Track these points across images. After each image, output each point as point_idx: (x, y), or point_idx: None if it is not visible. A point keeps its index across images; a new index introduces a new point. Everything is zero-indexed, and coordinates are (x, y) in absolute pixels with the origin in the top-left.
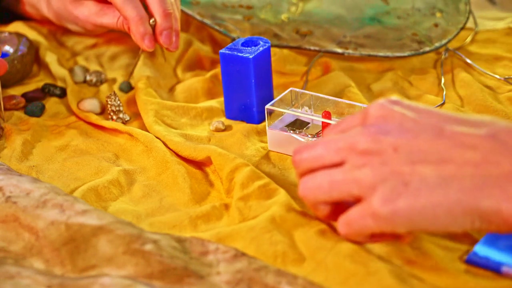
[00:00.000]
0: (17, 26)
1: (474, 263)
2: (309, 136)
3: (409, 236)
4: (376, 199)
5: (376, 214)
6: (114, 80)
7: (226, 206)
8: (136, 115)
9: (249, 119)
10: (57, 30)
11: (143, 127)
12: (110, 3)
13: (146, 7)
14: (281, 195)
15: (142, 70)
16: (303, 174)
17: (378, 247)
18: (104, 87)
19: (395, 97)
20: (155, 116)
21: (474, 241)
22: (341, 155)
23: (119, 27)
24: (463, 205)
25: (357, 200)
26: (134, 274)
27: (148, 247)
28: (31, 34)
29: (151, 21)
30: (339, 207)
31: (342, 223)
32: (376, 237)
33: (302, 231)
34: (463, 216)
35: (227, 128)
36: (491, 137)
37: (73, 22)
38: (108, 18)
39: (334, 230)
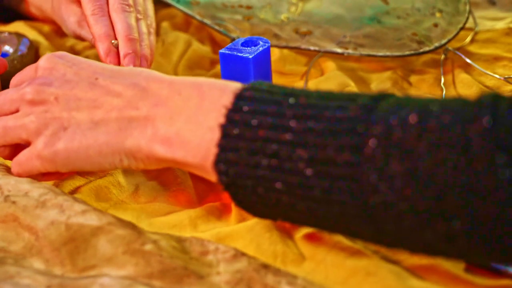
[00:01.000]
0: (18, 26)
1: (474, 262)
2: None
3: (69, 174)
4: (40, 142)
5: (40, 156)
6: None
7: (226, 206)
8: None
9: None
10: (57, 30)
11: None
12: None
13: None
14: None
15: None
16: None
17: (378, 247)
18: None
19: (61, 52)
20: None
21: None
22: (15, 105)
23: (93, 43)
24: (110, 146)
25: (28, 144)
26: (134, 274)
27: (148, 247)
28: (31, 34)
29: (113, 41)
30: (19, 149)
31: (14, 163)
32: (45, 176)
33: (302, 230)
34: (112, 155)
35: None
36: (134, 85)
37: (64, 25)
38: (86, 32)
39: None
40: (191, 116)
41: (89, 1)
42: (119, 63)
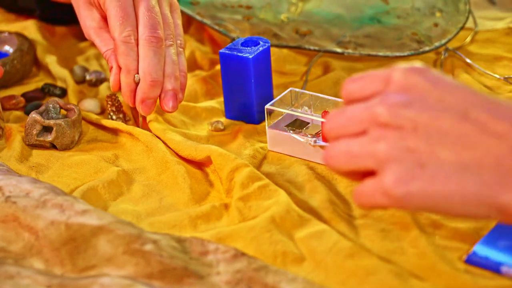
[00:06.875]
0: (19, 26)
1: (474, 263)
2: (309, 136)
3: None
4: (389, 177)
5: (388, 193)
6: None
7: (226, 206)
8: (135, 116)
9: (248, 119)
10: (57, 30)
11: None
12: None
13: None
14: (281, 196)
15: None
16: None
17: (378, 247)
18: (104, 87)
19: (420, 64)
20: (153, 116)
21: (474, 241)
22: (363, 126)
23: (104, 56)
24: (480, 197)
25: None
26: (134, 274)
27: (148, 247)
28: (32, 34)
29: (136, 76)
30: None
31: (356, 193)
32: None
33: (302, 231)
34: (478, 206)
35: (226, 128)
36: None
37: (80, 22)
38: (99, 41)
39: (334, 230)
40: None
41: (120, 24)
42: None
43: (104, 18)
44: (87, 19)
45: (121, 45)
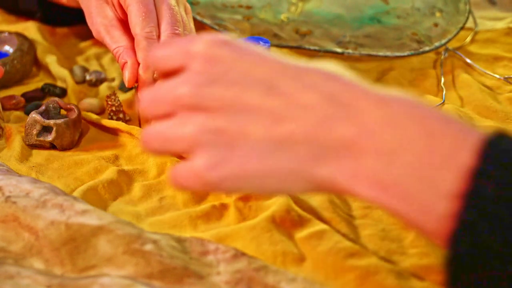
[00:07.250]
0: (19, 26)
1: None
2: None
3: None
4: (200, 162)
5: (200, 178)
6: (113, 80)
7: (226, 206)
8: (136, 115)
9: None
10: (57, 30)
11: None
12: (124, 27)
13: None
14: (281, 196)
15: None
16: (148, 122)
17: (378, 247)
18: (104, 87)
19: (224, 35)
20: None
21: None
22: (171, 107)
23: (114, 53)
24: (295, 173)
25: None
26: (134, 274)
27: (148, 247)
28: (32, 34)
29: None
30: None
31: (171, 174)
32: None
33: (302, 231)
34: (295, 182)
35: None
36: (331, 97)
37: (89, 20)
38: (109, 38)
39: (334, 230)
40: (415, 163)
41: (143, 19)
42: None
43: (117, 17)
44: (99, 16)
45: (143, 41)
